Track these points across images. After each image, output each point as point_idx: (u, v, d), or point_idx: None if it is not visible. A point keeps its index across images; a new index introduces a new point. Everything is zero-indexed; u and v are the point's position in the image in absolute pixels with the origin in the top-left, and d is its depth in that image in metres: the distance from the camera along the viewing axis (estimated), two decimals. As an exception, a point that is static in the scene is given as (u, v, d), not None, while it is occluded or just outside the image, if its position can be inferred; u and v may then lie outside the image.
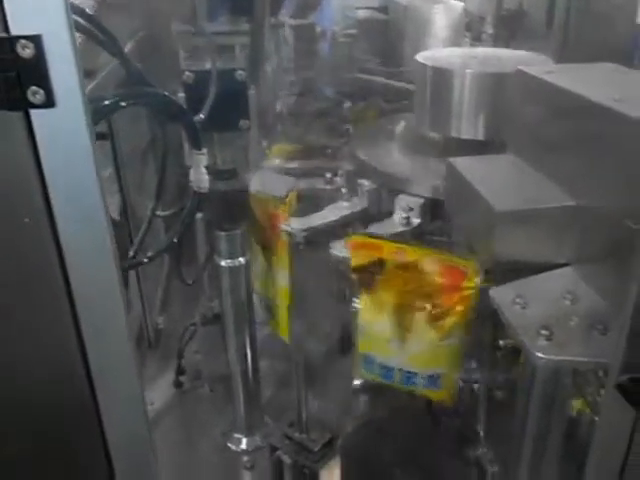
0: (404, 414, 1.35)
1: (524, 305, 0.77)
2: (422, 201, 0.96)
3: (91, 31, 0.56)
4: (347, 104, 1.42)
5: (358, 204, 1.01)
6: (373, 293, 0.91)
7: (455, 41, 1.68)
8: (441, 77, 1.09)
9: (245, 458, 1.28)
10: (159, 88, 0.76)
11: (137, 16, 1.14)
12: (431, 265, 0.86)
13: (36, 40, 0.38)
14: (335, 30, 1.83)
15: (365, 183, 1.03)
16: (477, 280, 0.85)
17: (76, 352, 0.48)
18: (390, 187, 1.01)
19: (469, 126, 1.09)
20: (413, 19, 1.70)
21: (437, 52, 1.26)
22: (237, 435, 1.32)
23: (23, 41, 0.38)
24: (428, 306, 0.88)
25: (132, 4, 1.13)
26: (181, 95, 0.97)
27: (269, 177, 1.19)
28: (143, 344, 1.67)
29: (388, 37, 1.81)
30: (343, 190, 1.05)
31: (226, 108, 0.95)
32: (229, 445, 1.31)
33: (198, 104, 0.93)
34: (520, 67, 0.95)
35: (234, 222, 1.13)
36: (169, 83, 0.97)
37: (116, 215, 1.26)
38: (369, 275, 0.89)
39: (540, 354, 0.69)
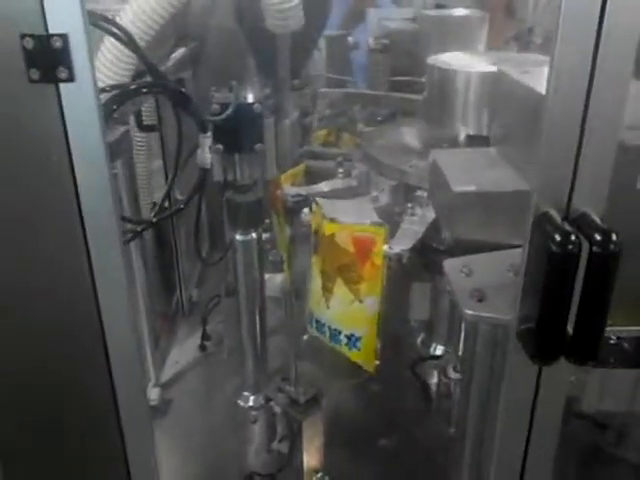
0: (399, 390, 1.48)
1: (469, 273, 0.88)
2: (393, 183, 1.10)
3: (112, 31, 0.76)
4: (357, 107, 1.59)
5: (349, 183, 1.17)
6: (316, 256, 1.08)
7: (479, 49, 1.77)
8: (443, 76, 1.22)
9: (253, 413, 1.45)
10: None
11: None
12: (345, 238, 1.01)
13: (64, 37, 0.58)
14: (368, 41, 1.98)
15: (359, 167, 1.19)
16: (385, 248, 0.98)
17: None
18: (377, 171, 1.17)
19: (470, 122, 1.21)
20: (440, 29, 1.82)
21: (450, 55, 1.39)
22: (245, 393, 1.49)
23: (55, 37, 0.58)
24: (345, 272, 1.03)
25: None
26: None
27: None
28: (178, 314, 1.90)
29: (418, 47, 1.93)
30: (340, 170, 1.22)
31: (245, 134, 1.14)
32: (238, 402, 1.49)
33: (223, 130, 1.12)
34: (500, 67, 1.07)
35: (250, 227, 1.32)
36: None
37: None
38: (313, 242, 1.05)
39: (468, 310, 0.81)
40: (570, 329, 0.63)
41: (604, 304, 0.60)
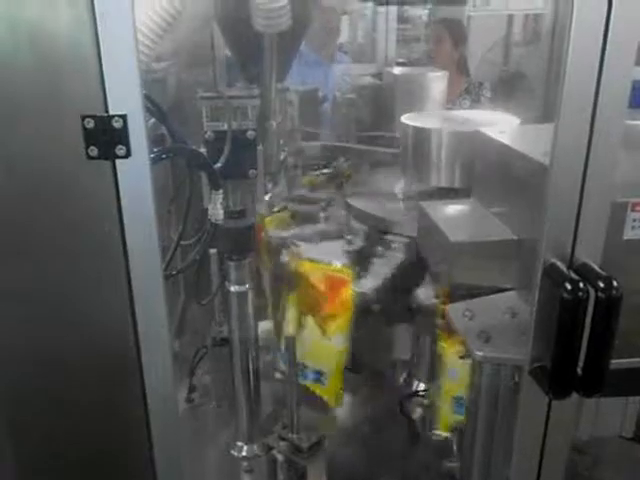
0: (386, 428, 1.52)
1: (471, 317, 0.96)
2: (366, 228, 1.20)
3: (150, 108, 0.80)
4: (342, 159, 1.69)
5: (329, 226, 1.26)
6: (291, 295, 1.14)
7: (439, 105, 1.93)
8: (420, 135, 1.33)
9: (245, 463, 1.44)
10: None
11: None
12: (318, 276, 1.10)
13: (124, 117, 0.62)
14: (336, 95, 2.11)
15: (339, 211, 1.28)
16: (354, 288, 1.08)
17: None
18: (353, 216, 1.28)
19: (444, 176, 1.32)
20: (403, 85, 1.97)
21: (419, 114, 1.52)
22: (239, 443, 1.48)
23: (116, 118, 0.62)
24: (315, 309, 1.11)
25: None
26: (203, 150, 1.22)
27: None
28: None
29: (382, 100, 2.07)
30: (322, 215, 1.30)
31: (239, 160, 1.19)
32: (232, 452, 1.47)
33: (216, 157, 1.16)
34: (477, 128, 1.19)
35: (242, 253, 1.36)
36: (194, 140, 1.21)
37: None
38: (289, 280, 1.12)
39: (478, 352, 0.88)
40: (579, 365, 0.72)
41: (609, 343, 0.69)
